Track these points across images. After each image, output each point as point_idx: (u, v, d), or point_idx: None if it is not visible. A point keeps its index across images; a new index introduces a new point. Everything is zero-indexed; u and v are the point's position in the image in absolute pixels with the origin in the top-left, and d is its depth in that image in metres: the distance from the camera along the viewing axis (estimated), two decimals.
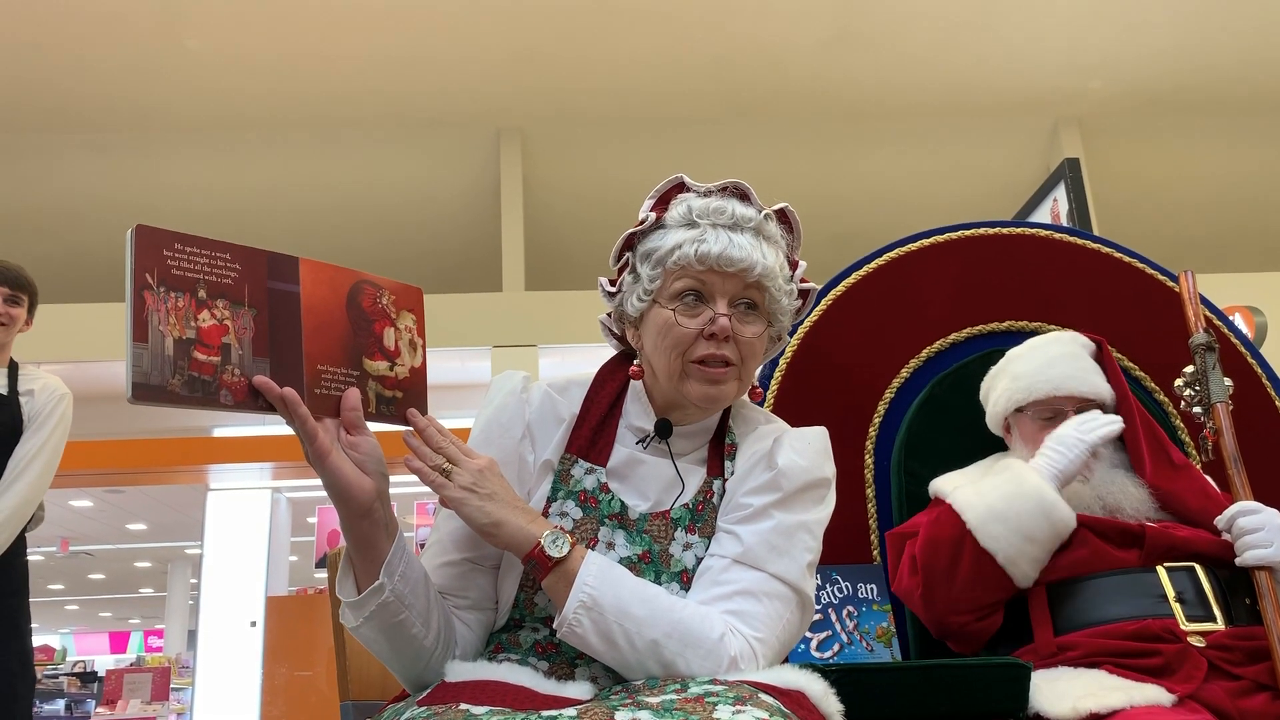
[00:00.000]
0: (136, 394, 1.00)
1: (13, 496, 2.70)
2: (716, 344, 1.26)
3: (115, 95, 6.74)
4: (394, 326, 1.22)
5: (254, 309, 1.09)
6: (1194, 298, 1.97)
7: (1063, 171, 4.79)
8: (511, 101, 7.06)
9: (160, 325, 1.02)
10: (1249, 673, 1.54)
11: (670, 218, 1.32)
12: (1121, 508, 1.79)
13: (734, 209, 1.29)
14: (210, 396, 1.04)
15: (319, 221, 7.65)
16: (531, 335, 6.96)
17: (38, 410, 2.82)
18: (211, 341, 1.05)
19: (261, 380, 1.08)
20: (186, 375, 1.03)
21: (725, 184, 1.33)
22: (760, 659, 1.17)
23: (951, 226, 2.33)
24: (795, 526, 1.25)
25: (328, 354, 1.15)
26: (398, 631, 1.17)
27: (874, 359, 2.19)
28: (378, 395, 1.19)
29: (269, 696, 7.06)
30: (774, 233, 1.32)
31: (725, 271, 1.26)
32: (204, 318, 1.05)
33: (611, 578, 1.16)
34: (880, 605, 1.92)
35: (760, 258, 1.27)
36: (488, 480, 1.18)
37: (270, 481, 8.45)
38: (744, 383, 1.31)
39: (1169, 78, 7.05)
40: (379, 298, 1.21)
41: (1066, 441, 1.79)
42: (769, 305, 1.29)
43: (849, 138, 7.41)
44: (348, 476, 1.12)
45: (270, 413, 1.09)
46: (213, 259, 1.07)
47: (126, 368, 1.00)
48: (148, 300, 1.02)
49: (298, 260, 1.15)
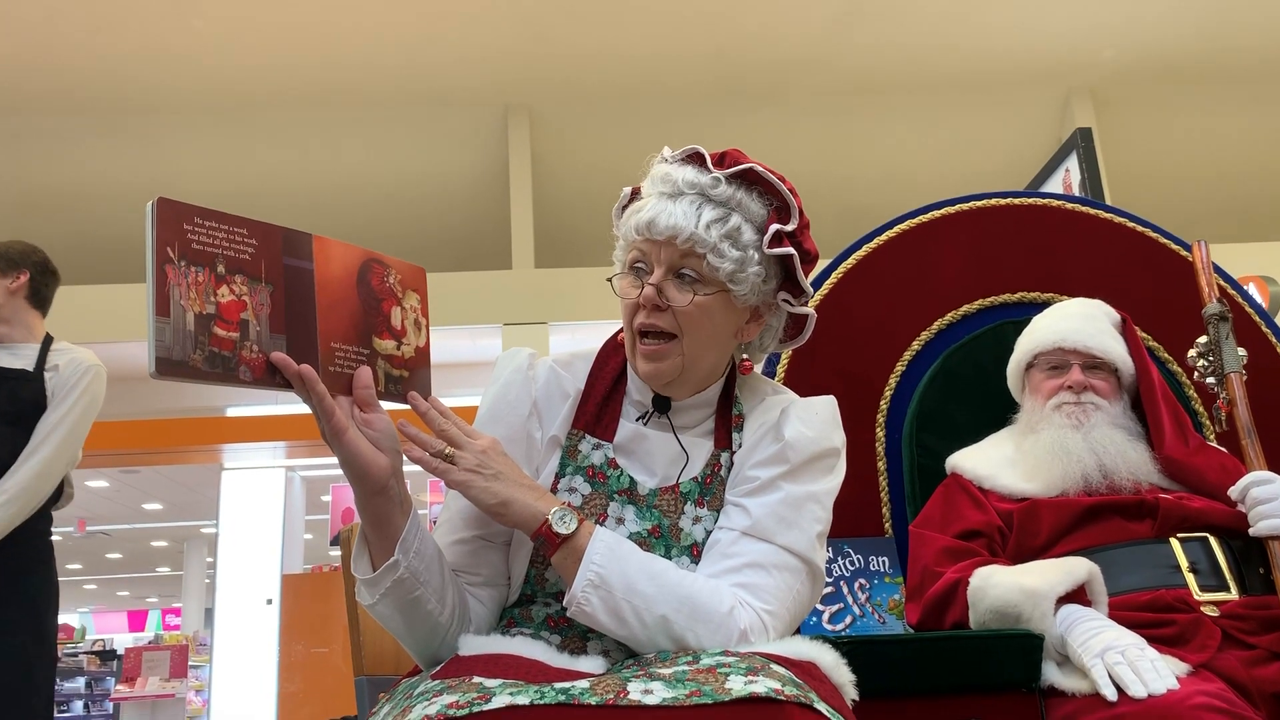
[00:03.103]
0: (160, 369, 0.99)
1: (26, 472, 2.66)
2: (647, 313, 1.26)
3: (124, 77, 6.73)
4: (400, 306, 1.22)
5: (270, 285, 1.09)
6: (1207, 267, 1.95)
7: (1075, 141, 4.74)
8: (520, 79, 7.03)
9: (181, 300, 1.01)
10: (1263, 642, 1.54)
11: (643, 190, 1.33)
12: (1117, 469, 1.79)
13: (680, 175, 1.27)
14: (230, 372, 1.04)
15: (329, 200, 7.64)
16: (542, 312, 6.96)
17: (61, 383, 2.78)
18: (231, 317, 1.05)
19: (279, 357, 1.07)
20: (208, 351, 1.02)
21: (687, 150, 1.32)
22: (770, 631, 1.17)
23: (963, 198, 2.31)
24: (804, 498, 1.25)
25: (341, 332, 1.15)
26: (413, 608, 1.18)
27: (886, 331, 2.19)
28: (386, 374, 1.19)
29: (286, 673, 7.13)
30: (726, 196, 1.27)
31: (658, 240, 1.25)
32: (223, 293, 1.05)
33: (619, 554, 1.16)
34: (892, 578, 1.92)
35: (690, 225, 1.23)
36: (492, 460, 1.18)
37: (284, 460, 8.49)
38: (690, 355, 1.27)
39: (1182, 46, 6.97)
40: (386, 276, 1.21)
41: (1098, 649, 1.47)
42: (710, 272, 1.25)
43: (859, 112, 7.36)
44: (363, 454, 1.12)
45: (287, 390, 1.09)
46: (231, 234, 1.07)
47: (149, 342, 0.99)
48: (169, 274, 1.01)
49: (311, 237, 1.14)
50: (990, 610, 1.60)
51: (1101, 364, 1.91)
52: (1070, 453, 1.81)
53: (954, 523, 1.83)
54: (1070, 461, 1.81)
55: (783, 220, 1.29)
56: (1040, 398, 1.91)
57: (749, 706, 0.94)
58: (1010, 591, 1.57)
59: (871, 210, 3.74)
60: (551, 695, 0.95)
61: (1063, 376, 1.90)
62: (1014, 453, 1.92)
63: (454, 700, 0.96)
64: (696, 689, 0.96)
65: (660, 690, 0.96)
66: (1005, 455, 1.92)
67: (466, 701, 0.95)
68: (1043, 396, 1.91)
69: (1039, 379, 1.94)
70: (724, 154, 1.30)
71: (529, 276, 7.20)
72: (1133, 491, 1.78)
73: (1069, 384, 1.88)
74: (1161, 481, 1.81)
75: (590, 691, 0.96)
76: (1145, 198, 6.26)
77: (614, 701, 0.94)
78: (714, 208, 1.26)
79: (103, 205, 7.47)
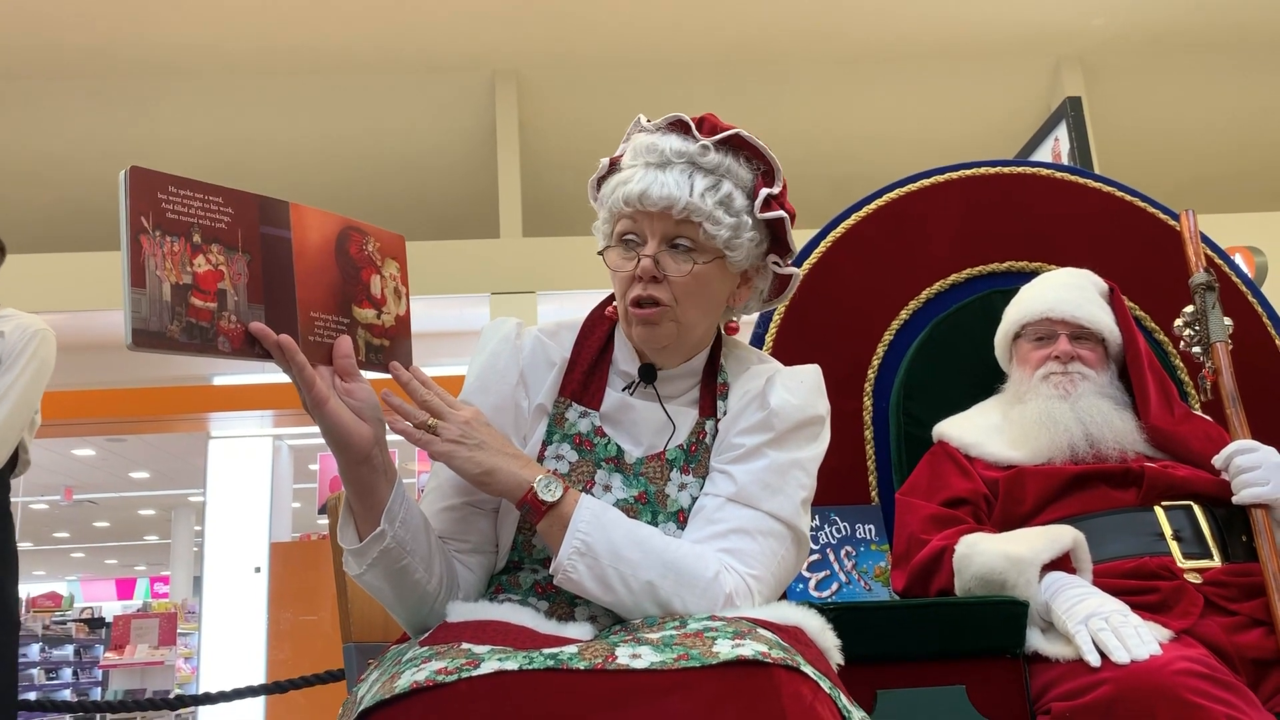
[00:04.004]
0: (137, 340, 0.98)
1: None
2: (644, 285, 1.25)
3: (106, 42, 6.64)
4: (380, 274, 1.21)
5: (247, 254, 1.08)
6: (1195, 237, 1.96)
7: (1064, 110, 4.74)
8: (507, 45, 6.96)
9: (157, 270, 1.00)
10: (1245, 609, 1.56)
11: (624, 161, 1.31)
12: (1104, 438, 1.80)
13: (667, 145, 1.26)
14: (208, 343, 1.03)
15: (314, 168, 7.58)
16: (530, 282, 6.93)
17: (9, 350, 2.72)
18: (208, 287, 1.04)
19: (258, 327, 1.06)
20: (185, 321, 1.01)
21: (669, 118, 1.30)
22: (755, 596, 1.18)
23: (952, 166, 2.31)
24: (789, 464, 1.25)
25: (319, 301, 1.14)
26: (400, 577, 1.18)
27: (874, 300, 2.18)
28: (366, 343, 1.18)
29: (275, 640, 7.15)
30: (715, 163, 1.26)
31: (650, 211, 1.25)
32: (199, 263, 1.04)
33: (604, 522, 1.16)
34: (878, 545, 1.93)
35: (684, 194, 1.23)
36: (475, 430, 1.18)
37: (271, 429, 8.47)
38: (684, 324, 1.28)
39: (1172, 15, 6.95)
40: (365, 244, 1.20)
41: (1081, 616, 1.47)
42: (706, 240, 1.25)
43: (848, 80, 7.32)
44: (346, 423, 1.12)
45: (267, 360, 1.08)
46: (206, 203, 1.06)
47: (125, 314, 0.98)
48: (144, 244, 1.00)
49: (288, 205, 1.13)
50: (975, 577, 1.61)
51: (1089, 334, 1.91)
52: (1057, 422, 1.82)
53: (940, 490, 1.84)
54: (1057, 431, 1.82)
55: (769, 184, 1.30)
56: (1028, 368, 1.92)
57: (736, 669, 0.95)
58: (995, 559, 1.59)
59: (861, 178, 3.73)
60: (540, 660, 0.96)
61: (1050, 347, 1.90)
62: (1001, 421, 1.92)
63: (442, 666, 0.96)
64: (684, 653, 0.96)
65: (648, 654, 0.96)
66: (992, 424, 1.93)
67: (455, 667, 0.95)
68: (1030, 366, 1.91)
69: (1026, 349, 1.95)
70: (701, 119, 1.29)
71: (517, 245, 7.17)
72: (1119, 460, 1.79)
73: (1056, 354, 1.89)
74: (1147, 450, 1.82)
75: (579, 656, 0.97)
76: (1134, 167, 6.25)
77: (602, 666, 0.95)
78: (704, 176, 1.26)
79: (84, 171, 7.39)
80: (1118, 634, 1.41)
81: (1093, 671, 1.39)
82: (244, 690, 3.61)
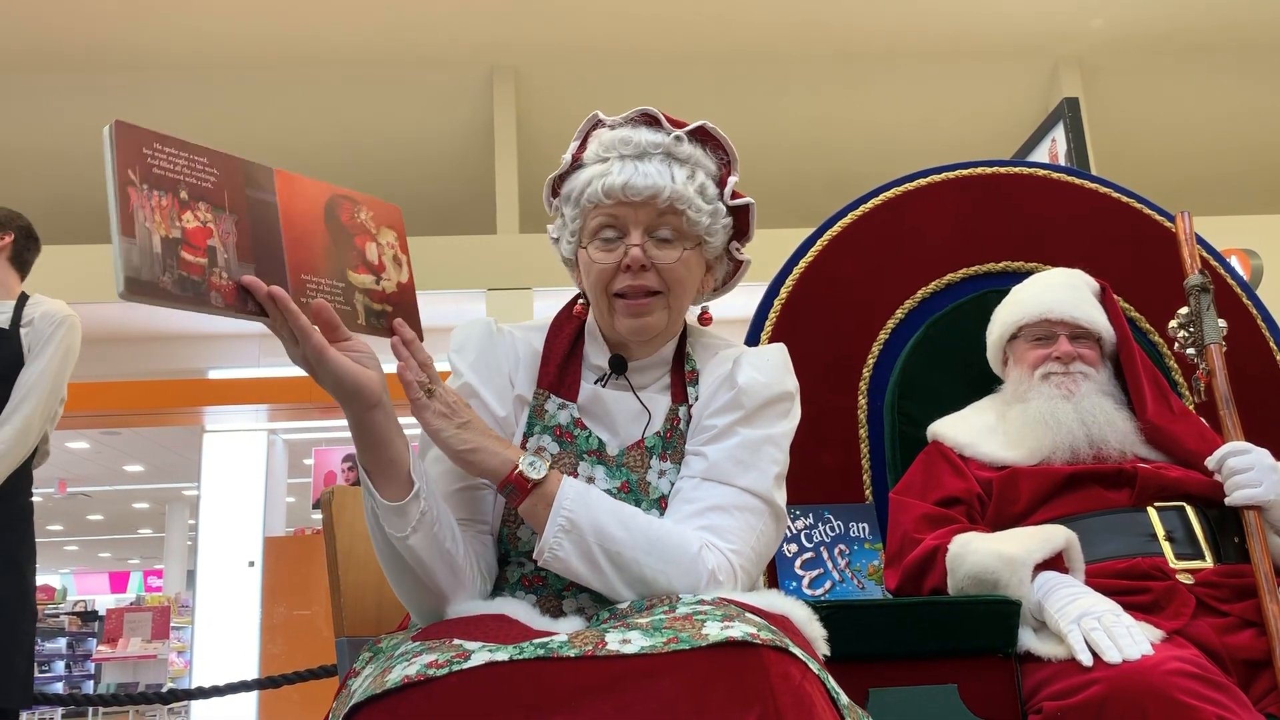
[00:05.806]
0: (129, 288, 0.97)
1: (10, 428, 2.64)
2: (633, 275, 1.27)
3: (104, 35, 6.63)
4: (375, 242, 1.21)
5: (234, 214, 1.07)
6: (1190, 239, 1.96)
7: (1061, 111, 4.74)
8: (504, 40, 6.95)
9: (146, 222, 0.99)
10: (1236, 609, 1.56)
11: (586, 156, 1.33)
12: (1106, 439, 1.80)
13: (641, 137, 1.29)
14: (201, 297, 1.02)
15: (310, 162, 7.56)
16: (526, 278, 6.92)
17: (37, 337, 2.75)
18: (197, 243, 1.03)
19: (250, 279, 1.05)
20: (177, 274, 1.00)
21: (635, 113, 1.32)
22: (737, 570, 1.19)
23: (948, 166, 2.31)
24: (761, 441, 1.27)
25: (310, 264, 1.13)
26: (436, 543, 1.15)
27: (869, 299, 2.19)
28: (366, 308, 1.17)
29: (268, 635, 7.15)
30: (689, 154, 1.30)
31: (633, 201, 1.26)
32: (188, 219, 1.03)
33: (589, 500, 1.17)
34: (872, 544, 1.93)
35: (668, 182, 1.26)
36: (462, 410, 1.19)
37: (266, 424, 8.47)
38: (675, 310, 1.31)
39: (1170, 17, 6.95)
40: (356, 212, 1.20)
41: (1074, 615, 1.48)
42: (689, 228, 1.28)
43: (846, 78, 7.32)
44: (351, 369, 1.10)
45: (261, 316, 1.06)
46: (191, 161, 1.05)
47: (115, 261, 0.97)
48: (132, 196, 0.99)
49: (272, 170, 1.13)
50: (968, 576, 1.61)
51: (1086, 334, 1.92)
52: (1061, 422, 1.82)
53: (934, 490, 1.84)
54: (1060, 431, 1.82)
55: (731, 174, 1.34)
56: (1026, 368, 1.92)
57: (726, 650, 0.95)
58: (988, 558, 1.59)
59: (858, 177, 3.74)
60: (530, 650, 0.96)
61: (1049, 347, 1.90)
62: (996, 421, 1.93)
63: (434, 659, 0.96)
64: (674, 636, 0.97)
65: (638, 639, 0.97)
66: (987, 423, 1.93)
67: (446, 660, 0.96)
68: (1029, 366, 1.91)
69: (1023, 349, 1.95)
70: (657, 112, 1.32)
71: (513, 241, 7.16)
72: (1118, 460, 1.79)
73: (1057, 355, 1.89)
74: (1144, 450, 1.83)
75: (569, 644, 0.97)
76: (1131, 168, 6.27)
77: (593, 653, 0.95)
78: (681, 165, 1.29)
79: (77, 164, 7.35)
80: (1110, 634, 1.41)
81: (1084, 671, 1.39)
82: (237, 685, 3.60)
